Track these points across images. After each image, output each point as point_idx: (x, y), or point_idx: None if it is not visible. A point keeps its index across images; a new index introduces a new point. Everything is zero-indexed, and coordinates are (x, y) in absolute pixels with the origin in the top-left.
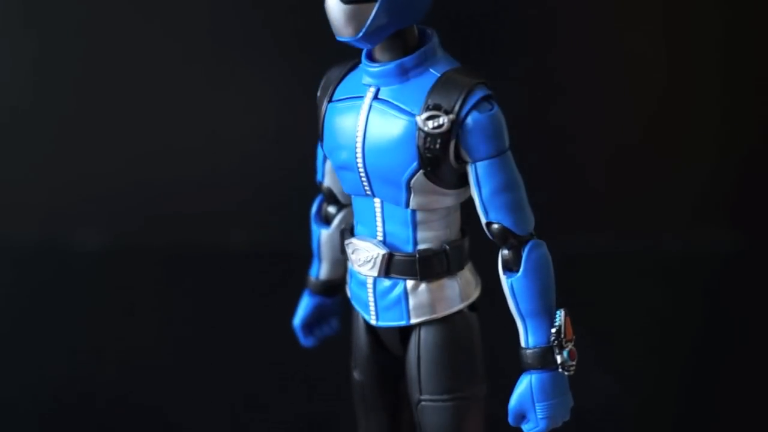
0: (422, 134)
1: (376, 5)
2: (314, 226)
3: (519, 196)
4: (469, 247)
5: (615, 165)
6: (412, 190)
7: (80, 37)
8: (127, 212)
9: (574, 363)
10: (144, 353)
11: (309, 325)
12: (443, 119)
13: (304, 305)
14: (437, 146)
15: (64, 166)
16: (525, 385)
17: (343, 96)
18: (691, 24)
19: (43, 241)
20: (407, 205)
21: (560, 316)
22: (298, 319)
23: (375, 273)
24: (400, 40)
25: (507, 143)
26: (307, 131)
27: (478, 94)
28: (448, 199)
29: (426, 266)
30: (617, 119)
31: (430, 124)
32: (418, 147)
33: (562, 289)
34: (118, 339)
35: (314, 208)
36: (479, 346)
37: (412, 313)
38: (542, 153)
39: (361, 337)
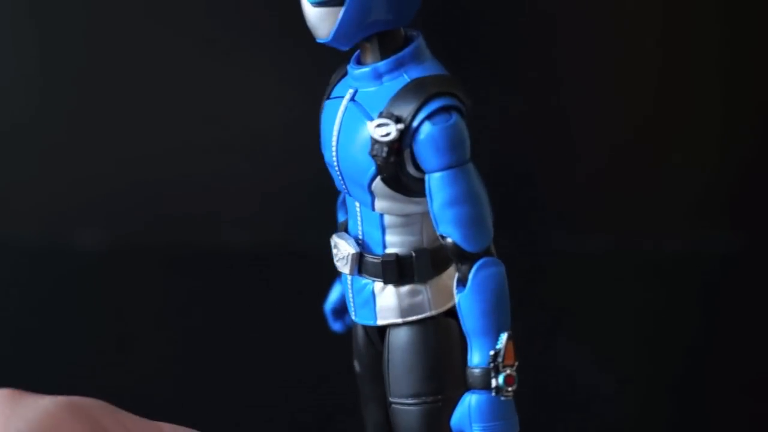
0: (372, 140)
1: (343, 8)
2: (339, 216)
3: (473, 211)
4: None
5: (614, 166)
6: (374, 193)
7: (81, 38)
8: (127, 212)
9: (510, 390)
10: (144, 353)
11: (338, 311)
12: (391, 128)
13: (335, 292)
14: (384, 154)
15: (65, 167)
16: (465, 404)
17: (335, 95)
18: (691, 24)
19: (43, 241)
20: (373, 208)
21: (502, 339)
22: (328, 304)
23: (347, 270)
24: (383, 43)
25: (465, 156)
26: (309, 131)
27: (434, 105)
28: (416, 206)
29: (389, 270)
30: (617, 120)
31: (378, 132)
32: (369, 152)
33: (562, 289)
34: (118, 339)
35: (339, 200)
36: (456, 350)
37: (378, 314)
38: (542, 154)
39: (357, 330)
